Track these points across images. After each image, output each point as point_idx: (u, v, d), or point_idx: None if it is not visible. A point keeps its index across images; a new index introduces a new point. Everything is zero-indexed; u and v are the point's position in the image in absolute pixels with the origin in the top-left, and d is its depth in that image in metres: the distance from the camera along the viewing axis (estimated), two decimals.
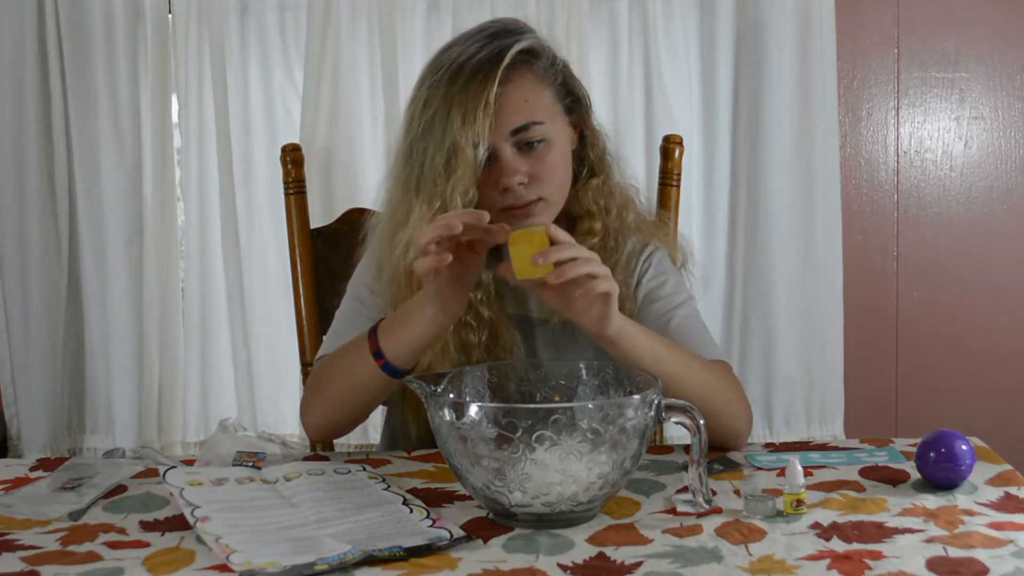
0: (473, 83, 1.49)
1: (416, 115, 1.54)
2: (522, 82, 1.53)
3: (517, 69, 1.53)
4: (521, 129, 1.53)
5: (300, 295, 1.96)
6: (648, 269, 1.64)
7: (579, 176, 1.63)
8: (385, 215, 1.60)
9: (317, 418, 1.58)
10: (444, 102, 1.50)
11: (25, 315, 2.44)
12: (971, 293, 2.57)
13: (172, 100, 2.46)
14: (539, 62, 1.56)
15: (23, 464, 1.52)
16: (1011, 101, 2.54)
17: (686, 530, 1.22)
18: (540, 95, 1.55)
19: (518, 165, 1.52)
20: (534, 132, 1.53)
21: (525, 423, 1.18)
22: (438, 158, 1.50)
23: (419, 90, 1.56)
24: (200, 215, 2.47)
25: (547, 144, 1.54)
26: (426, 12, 2.42)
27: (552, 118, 1.56)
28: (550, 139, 1.55)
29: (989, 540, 1.17)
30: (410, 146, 1.54)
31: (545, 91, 1.56)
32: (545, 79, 1.56)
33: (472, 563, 1.14)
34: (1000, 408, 2.58)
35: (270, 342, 2.47)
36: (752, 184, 2.42)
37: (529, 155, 1.54)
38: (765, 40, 2.39)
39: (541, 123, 1.54)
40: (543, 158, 1.54)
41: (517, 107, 1.52)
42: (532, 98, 1.54)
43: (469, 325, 1.57)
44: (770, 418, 2.47)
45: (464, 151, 1.48)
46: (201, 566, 1.15)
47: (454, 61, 1.52)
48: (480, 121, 1.48)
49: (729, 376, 1.56)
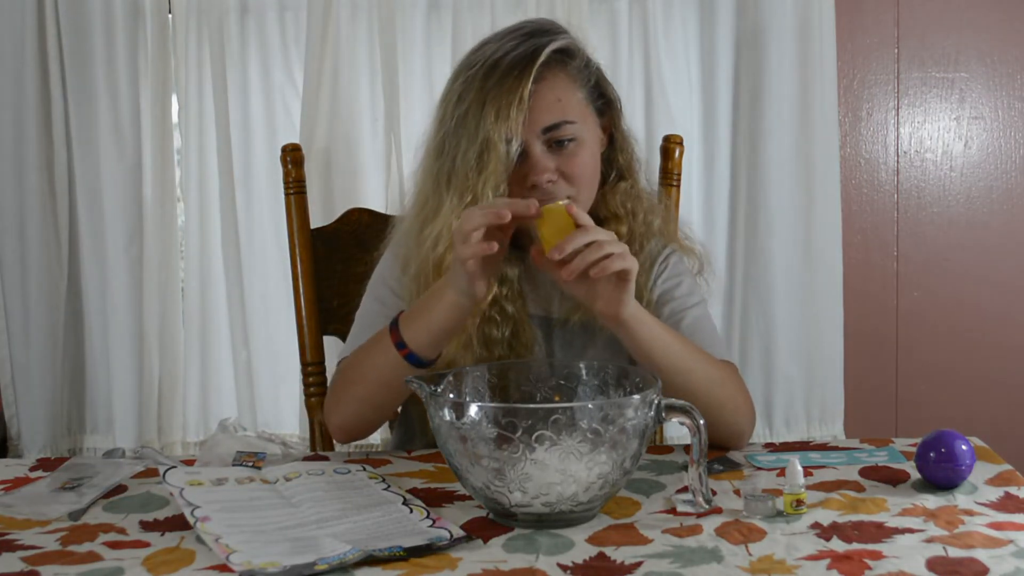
0: (508, 79, 1.51)
1: (449, 110, 1.55)
2: (556, 81, 1.55)
3: (551, 68, 1.54)
4: (553, 127, 1.54)
5: (300, 295, 1.96)
6: (664, 270, 1.65)
7: (607, 179, 1.64)
8: (413, 209, 1.60)
9: (343, 417, 1.57)
10: (478, 97, 1.51)
11: (25, 315, 2.44)
12: (971, 293, 2.57)
13: (172, 100, 2.46)
14: (573, 62, 1.57)
15: (23, 464, 1.52)
16: (1011, 101, 2.54)
17: (686, 530, 1.22)
18: (573, 95, 1.56)
19: (547, 163, 1.54)
20: (565, 131, 1.54)
21: (525, 423, 1.18)
22: (471, 152, 1.51)
23: (452, 85, 1.56)
24: (200, 215, 2.47)
25: (577, 143, 1.55)
26: (426, 12, 2.42)
27: (583, 119, 1.57)
28: (581, 139, 1.56)
29: (989, 540, 1.17)
30: (442, 140, 1.55)
31: (578, 91, 1.57)
32: (578, 79, 1.58)
33: (472, 563, 1.14)
34: (1000, 408, 2.58)
35: (270, 342, 2.47)
36: (752, 184, 2.42)
37: (559, 153, 1.55)
38: (765, 40, 2.39)
39: (573, 122, 1.55)
40: (573, 157, 1.55)
41: (550, 105, 1.54)
42: (565, 97, 1.55)
43: (493, 320, 1.58)
44: (770, 418, 2.47)
45: (497, 146, 1.49)
46: (201, 566, 1.15)
47: (489, 58, 1.53)
48: (513, 117, 1.49)
49: (735, 376, 1.56)
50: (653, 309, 1.61)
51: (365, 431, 1.61)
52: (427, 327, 1.46)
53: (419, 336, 1.47)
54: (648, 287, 1.63)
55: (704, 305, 1.66)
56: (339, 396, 1.58)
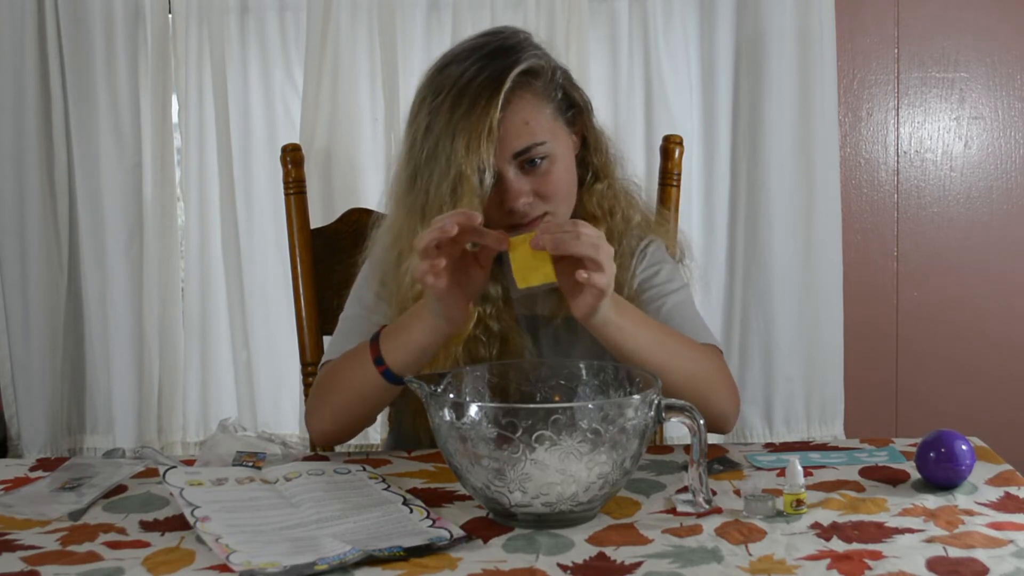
0: (476, 109, 1.49)
1: (419, 140, 1.54)
2: (522, 103, 1.53)
3: (517, 91, 1.53)
4: (523, 151, 1.53)
5: (300, 295, 1.96)
6: (642, 260, 1.65)
7: (583, 180, 1.64)
8: (388, 236, 1.61)
9: (323, 424, 1.58)
10: (447, 129, 1.50)
11: (25, 315, 2.44)
12: (971, 293, 2.57)
13: (172, 100, 2.46)
14: (538, 82, 1.56)
15: (23, 464, 1.52)
16: (1011, 101, 2.54)
17: (686, 530, 1.22)
18: (540, 114, 1.55)
19: (521, 186, 1.53)
20: (536, 152, 1.54)
21: (525, 423, 1.18)
22: (444, 185, 1.50)
23: (420, 111, 1.55)
24: (200, 215, 2.47)
25: (550, 160, 1.55)
26: (426, 12, 2.42)
27: (554, 134, 1.56)
28: (553, 155, 1.55)
29: (989, 540, 1.17)
30: (414, 172, 1.54)
31: (545, 109, 1.56)
32: (545, 97, 1.56)
33: (472, 563, 1.14)
34: (1000, 408, 2.58)
35: (270, 342, 2.47)
36: (752, 184, 2.42)
37: (532, 173, 1.54)
38: (765, 40, 2.39)
39: (543, 143, 1.54)
40: (547, 175, 1.55)
41: (518, 131, 1.53)
42: (533, 119, 1.54)
43: (479, 340, 1.58)
44: (770, 418, 2.47)
45: (469, 178, 1.49)
46: (201, 566, 1.15)
47: (455, 84, 1.51)
48: (484, 148, 1.49)
49: (717, 360, 1.56)
50: (634, 298, 1.62)
51: (343, 438, 1.63)
52: (405, 346, 1.47)
53: (397, 354, 1.47)
54: (627, 278, 1.63)
55: (686, 290, 1.66)
56: (317, 403, 1.59)
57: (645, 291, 1.63)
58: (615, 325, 1.41)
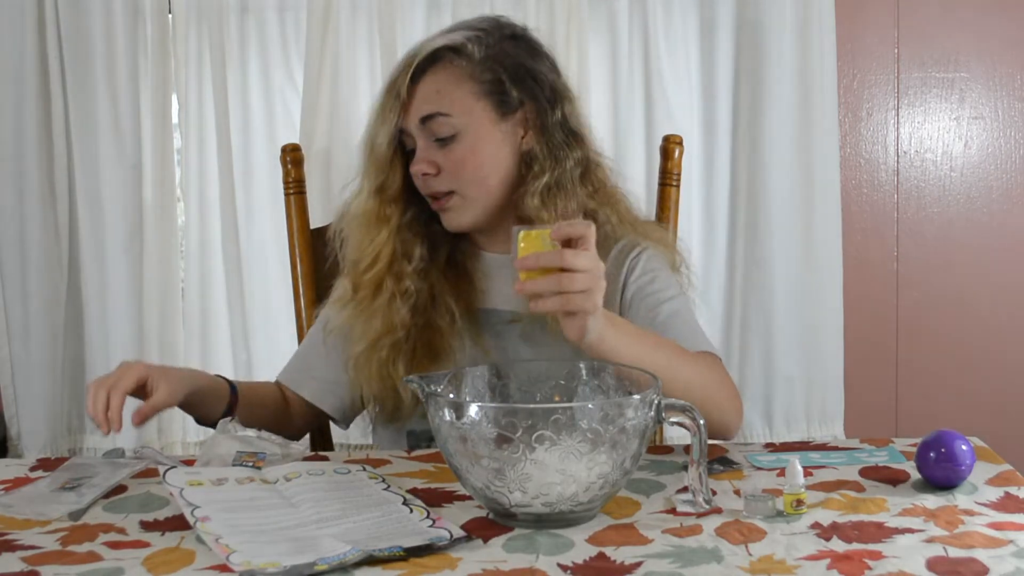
0: (398, 73, 1.61)
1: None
2: (438, 75, 1.60)
3: (437, 64, 1.61)
4: (428, 118, 1.59)
5: (300, 295, 1.97)
6: (636, 267, 1.64)
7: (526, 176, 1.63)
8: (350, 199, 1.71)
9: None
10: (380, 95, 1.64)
11: (25, 315, 2.44)
12: (971, 293, 2.57)
13: (172, 100, 2.46)
14: (462, 59, 1.60)
15: (23, 464, 1.52)
16: (1011, 101, 2.54)
17: (686, 530, 1.22)
18: (457, 88, 1.60)
19: (425, 155, 1.60)
20: (442, 124, 1.59)
21: (525, 423, 1.18)
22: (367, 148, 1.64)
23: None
24: (200, 215, 2.47)
25: (458, 138, 1.59)
26: (426, 12, 2.42)
27: (468, 112, 1.59)
28: (463, 133, 1.59)
29: (989, 540, 1.17)
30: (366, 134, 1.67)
31: (463, 85, 1.60)
32: (467, 76, 1.60)
33: (472, 563, 1.14)
34: (1000, 408, 2.58)
35: (270, 342, 2.47)
36: (752, 184, 2.42)
37: (441, 148, 1.60)
38: (765, 40, 2.39)
39: (448, 115, 1.59)
40: (452, 152, 1.59)
41: (428, 97, 1.60)
42: (444, 90, 1.60)
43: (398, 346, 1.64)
44: (770, 418, 2.47)
45: (377, 136, 1.62)
46: (201, 566, 1.15)
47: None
48: (392, 108, 1.60)
49: (716, 369, 1.54)
50: (628, 309, 1.61)
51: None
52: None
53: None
54: (619, 286, 1.63)
55: (682, 298, 1.65)
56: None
57: (641, 299, 1.62)
58: (607, 343, 1.37)
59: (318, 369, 1.74)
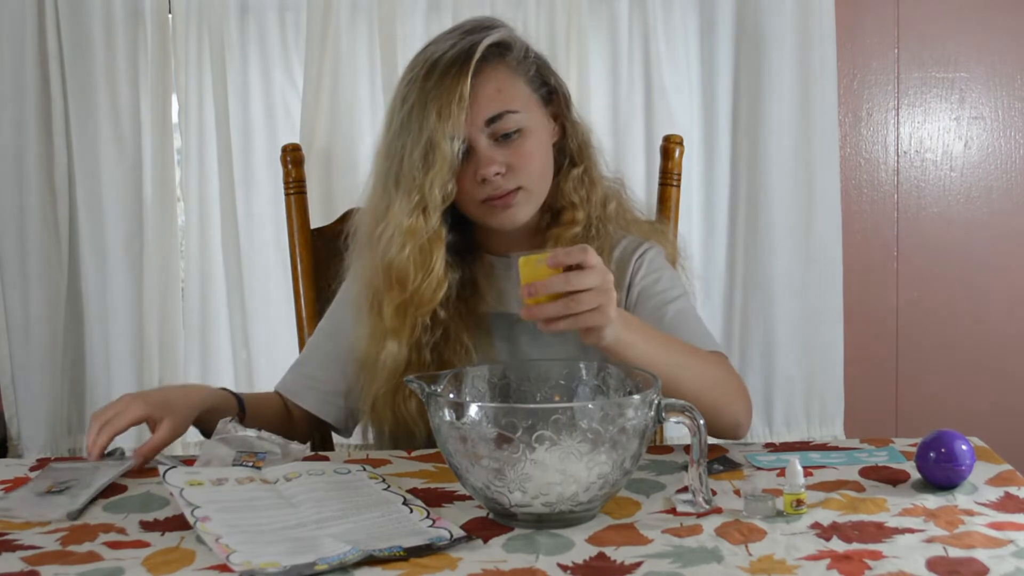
0: (447, 77, 1.53)
1: (395, 113, 1.58)
2: (495, 73, 1.57)
3: (490, 61, 1.57)
4: (495, 118, 1.56)
5: (300, 295, 1.97)
6: (641, 267, 1.65)
7: (561, 167, 1.65)
8: (367, 211, 1.65)
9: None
10: (420, 98, 1.54)
11: (25, 315, 2.44)
12: (971, 293, 2.57)
13: (172, 100, 2.46)
14: (511, 54, 1.60)
15: (23, 464, 1.52)
16: (1011, 101, 2.54)
17: (686, 530, 1.22)
18: (513, 85, 1.59)
19: (494, 155, 1.56)
20: (508, 121, 1.57)
21: (525, 423, 1.18)
22: (416, 153, 1.54)
23: (398, 89, 1.60)
24: (200, 215, 2.47)
25: (523, 133, 1.58)
26: (426, 12, 2.42)
27: (528, 107, 1.59)
28: (526, 128, 1.58)
29: (989, 540, 1.17)
30: (390, 143, 1.58)
31: (518, 80, 1.60)
32: (518, 70, 1.60)
33: (472, 563, 1.14)
34: (1000, 408, 2.58)
35: (270, 342, 2.47)
36: (752, 184, 2.42)
37: (506, 146, 1.57)
38: (765, 40, 2.39)
39: (515, 112, 1.57)
40: (519, 148, 1.57)
41: (490, 97, 1.56)
42: (505, 88, 1.57)
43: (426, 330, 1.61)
44: (770, 418, 2.47)
45: (440, 145, 1.52)
46: (201, 566, 1.15)
47: (429, 58, 1.56)
48: (455, 114, 1.53)
49: (727, 368, 1.55)
50: (633, 308, 1.62)
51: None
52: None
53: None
54: (625, 285, 1.64)
55: (686, 298, 1.66)
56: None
57: (647, 300, 1.62)
58: (625, 344, 1.38)
59: (319, 380, 1.74)
